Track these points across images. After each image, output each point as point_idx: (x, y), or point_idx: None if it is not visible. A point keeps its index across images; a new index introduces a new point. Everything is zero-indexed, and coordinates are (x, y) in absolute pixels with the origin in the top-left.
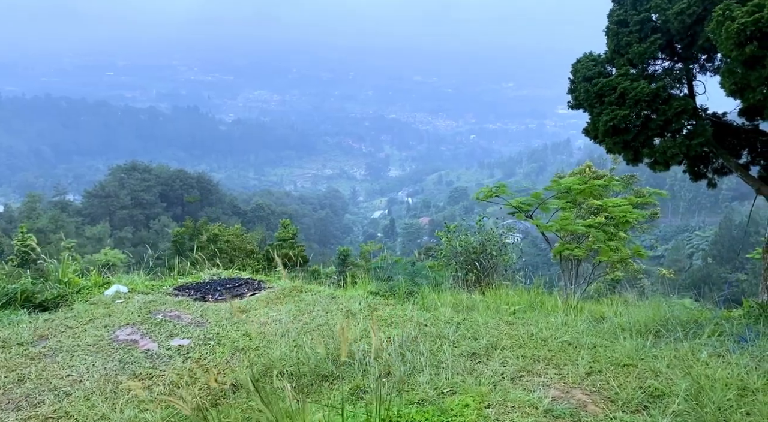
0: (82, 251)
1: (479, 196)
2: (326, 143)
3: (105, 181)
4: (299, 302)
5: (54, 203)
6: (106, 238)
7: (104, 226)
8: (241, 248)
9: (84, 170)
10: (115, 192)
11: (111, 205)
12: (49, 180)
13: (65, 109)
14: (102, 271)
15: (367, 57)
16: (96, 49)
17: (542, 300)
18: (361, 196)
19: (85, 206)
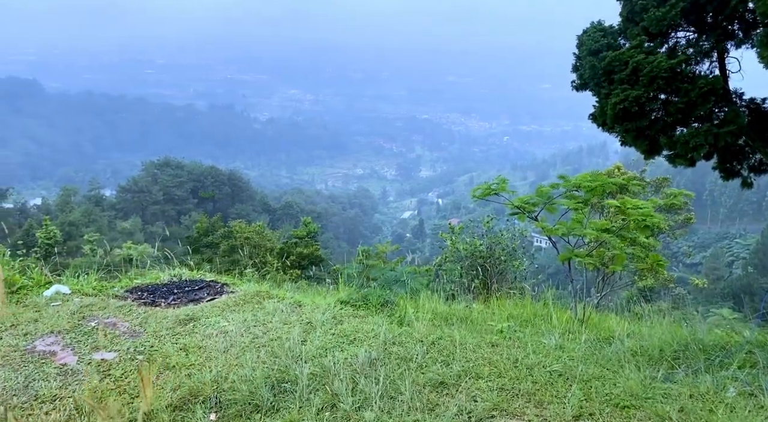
0: (113, 245)
1: (476, 194)
2: (358, 143)
3: (138, 176)
4: (258, 310)
5: (89, 197)
6: (137, 233)
7: (136, 221)
8: (261, 245)
9: (122, 165)
10: (148, 187)
11: (143, 200)
12: (89, 174)
13: (105, 105)
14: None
15: (401, 57)
16: (136, 48)
17: (548, 313)
18: (391, 195)
19: (118, 201)
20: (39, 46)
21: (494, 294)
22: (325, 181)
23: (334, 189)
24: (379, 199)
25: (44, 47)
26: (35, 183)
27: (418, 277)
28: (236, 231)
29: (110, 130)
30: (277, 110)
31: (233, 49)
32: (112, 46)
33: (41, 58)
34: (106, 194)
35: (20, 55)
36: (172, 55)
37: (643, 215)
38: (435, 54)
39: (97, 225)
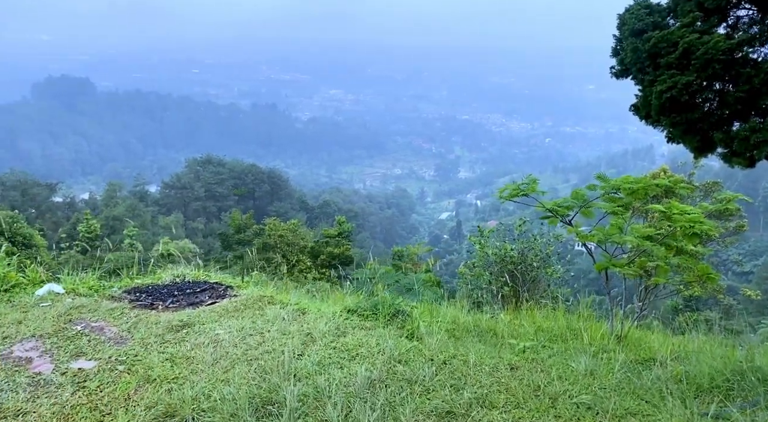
0: (155, 240)
1: (503, 195)
2: (397, 143)
3: (181, 173)
4: (258, 317)
5: (134, 193)
6: (178, 228)
7: (177, 217)
8: (295, 243)
9: (167, 162)
10: (191, 184)
11: (186, 196)
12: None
13: (153, 103)
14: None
15: (443, 57)
16: (183, 48)
17: (583, 327)
18: (429, 196)
19: (161, 196)
20: (92, 46)
21: (525, 303)
22: (364, 181)
23: (372, 188)
24: (416, 199)
25: (97, 47)
26: (85, 178)
27: (433, 287)
28: (270, 229)
29: (157, 127)
30: (318, 110)
31: (276, 50)
32: (160, 46)
33: (94, 57)
34: (150, 190)
35: (75, 54)
36: (217, 55)
37: (691, 221)
38: (477, 54)
39: (140, 220)
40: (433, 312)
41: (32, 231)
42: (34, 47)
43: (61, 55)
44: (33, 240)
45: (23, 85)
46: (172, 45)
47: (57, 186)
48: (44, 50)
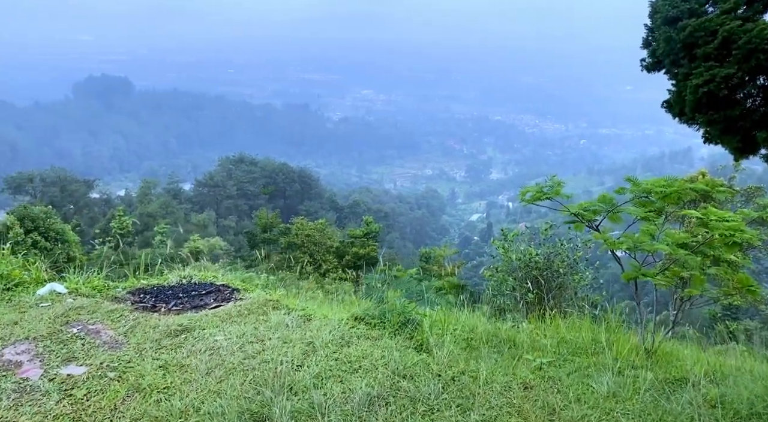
0: (186, 237)
1: (525, 198)
2: (428, 143)
3: (214, 171)
4: (261, 323)
5: (168, 190)
6: (210, 226)
7: (210, 214)
8: (322, 243)
9: (202, 161)
10: (223, 182)
11: (218, 194)
12: (171, 168)
13: (189, 103)
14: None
15: (475, 57)
16: (219, 48)
17: (610, 339)
18: (460, 197)
19: (195, 194)
20: (131, 46)
21: (549, 311)
22: (394, 181)
23: (403, 189)
24: (447, 200)
25: (135, 47)
26: (123, 175)
27: (449, 294)
28: (297, 229)
29: (193, 126)
30: (350, 110)
31: (309, 50)
32: (196, 46)
33: (132, 57)
34: (184, 188)
35: (114, 54)
36: (252, 55)
37: (731, 229)
38: (510, 54)
39: (174, 217)
40: (448, 320)
41: (65, 227)
42: (77, 47)
43: (102, 55)
44: (66, 236)
45: (65, 85)
46: (207, 45)
47: (94, 182)
48: (86, 50)
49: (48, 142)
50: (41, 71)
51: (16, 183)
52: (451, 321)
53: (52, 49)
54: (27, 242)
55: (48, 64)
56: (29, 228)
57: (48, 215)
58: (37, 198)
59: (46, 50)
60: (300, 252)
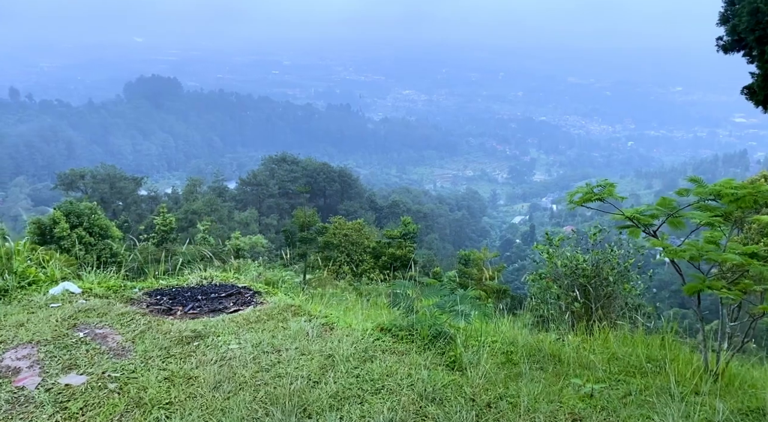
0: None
1: (573, 199)
2: (469, 144)
3: (257, 170)
4: (279, 331)
5: (213, 188)
6: (252, 224)
7: (252, 213)
8: (359, 243)
9: (246, 160)
10: (265, 181)
11: (261, 192)
12: (217, 167)
13: (234, 103)
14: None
15: (519, 57)
16: (265, 49)
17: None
18: (502, 199)
19: (238, 192)
20: (180, 47)
21: (598, 322)
22: (434, 182)
23: (443, 190)
24: (488, 201)
25: (185, 48)
26: (170, 173)
27: (485, 304)
28: (335, 228)
29: (238, 126)
30: (391, 110)
31: (353, 50)
32: (243, 47)
33: (182, 58)
34: (229, 186)
35: (165, 55)
36: (296, 56)
37: None
38: (556, 53)
39: (218, 215)
40: (485, 331)
41: (108, 223)
42: (129, 49)
43: (152, 56)
44: (110, 232)
45: (118, 85)
46: (253, 46)
47: (142, 180)
48: (137, 51)
49: (100, 140)
50: (96, 71)
51: (69, 179)
52: (489, 332)
53: (106, 51)
54: (72, 237)
55: (102, 65)
56: (74, 223)
57: (93, 211)
58: (87, 194)
59: (100, 51)
60: (338, 252)
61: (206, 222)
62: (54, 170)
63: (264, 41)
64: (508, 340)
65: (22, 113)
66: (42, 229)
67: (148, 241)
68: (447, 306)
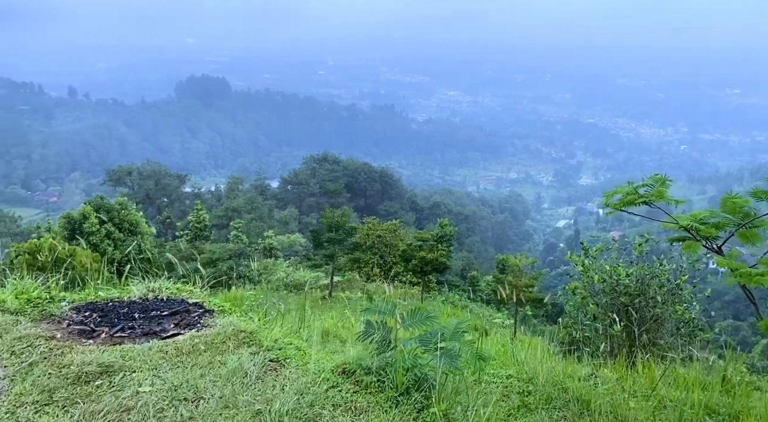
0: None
1: (609, 202)
2: (514, 146)
3: (299, 169)
4: (213, 368)
5: (255, 186)
6: (292, 222)
7: (292, 211)
8: (393, 245)
9: (290, 159)
10: (306, 180)
11: (302, 191)
12: (262, 166)
13: (280, 103)
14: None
15: (568, 58)
16: (311, 50)
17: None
18: (546, 202)
19: (280, 191)
20: (230, 48)
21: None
22: (477, 183)
23: (486, 192)
24: (532, 205)
25: (234, 49)
26: (217, 171)
27: (480, 340)
28: (369, 229)
29: (283, 126)
30: (435, 111)
31: (399, 51)
32: (290, 48)
33: (231, 58)
34: (272, 185)
35: (215, 56)
36: (342, 56)
37: None
38: (607, 54)
39: (258, 213)
40: (500, 360)
41: (139, 218)
42: (181, 49)
43: (203, 57)
44: (140, 228)
45: (170, 84)
46: (300, 46)
47: (186, 177)
48: (189, 52)
49: (151, 137)
50: (149, 71)
51: (117, 175)
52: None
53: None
54: (101, 232)
55: (156, 65)
56: (104, 218)
57: (123, 206)
58: (134, 190)
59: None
60: (371, 254)
61: (239, 220)
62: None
63: (310, 42)
64: (527, 375)
65: (79, 111)
66: (72, 224)
67: (182, 238)
68: (432, 342)
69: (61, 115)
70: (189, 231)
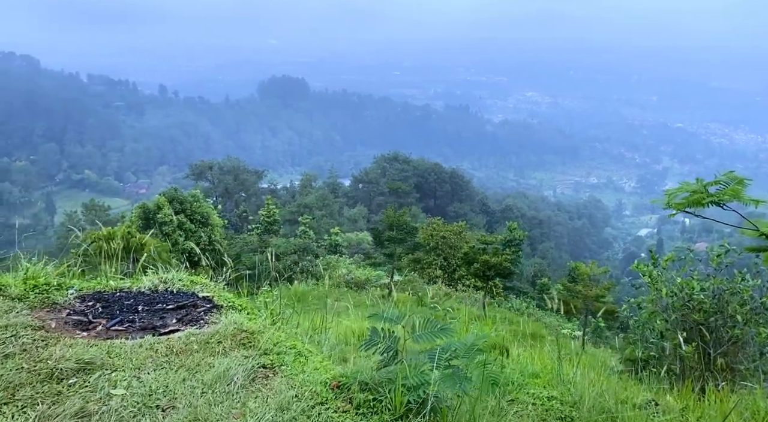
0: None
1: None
2: (594, 150)
3: (369, 168)
4: (199, 371)
5: (327, 184)
6: (360, 220)
7: (361, 210)
8: (458, 247)
9: (363, 158)
10: (376, 179)
11: (371, 190)
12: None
13: (355, 103)
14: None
15: (656, 59)
16: (388, 51)
17: None
18: (628, 209)
19: (351, 189)
20: (310, 49)
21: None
22: (554, 188)
23: (563, 196)
24: (612, 211)
25: (314, 50)
26: (293, 169)
27: (495, 362)
28: (432, 230)
29: (358, 126)
30: (512, 112)
31: (477, 51)
32: (367, 49)
33: (311, 59)
34: (345, 183)
35: (296, 57)
36: (418, 57)
37: None
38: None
39: (329, 210)
40: (544, 378)
41: (210, 210)
42: (265, 51)
43: (284, 58)
44: (210, 220)
45: (253, 84)
46: (377, 47)
47: (263, 173)
48: (272, 53)
49: (233, 135)
50: (234, 71)
51: (199, 170)
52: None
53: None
54: (173, 223)
55: (240, 65)
56: (177, 209)
57: (195, 198)
58: (214, 184)
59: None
60: (434, 255)
61: (306, 216)
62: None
63: (387, 43)
64: (572, 398)
65: (168, 108)
66: (146, 214)
67: (253, 232)
68: (444, 358)
69: (152, 112)
70: (260, 226)
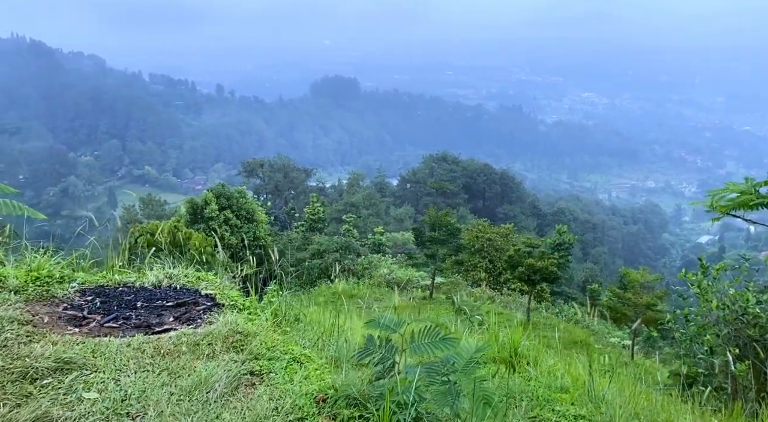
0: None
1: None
2: (653, 152)
3: (417, 168)
4: (181, 376)
5: (375, 183)
6: (407, 220)
7: (408, 209)
8: (504, 249)
9: (413, 158)
10: (424, 179)
11: (419, 190)
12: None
13: (406, 103)
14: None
15: (721, 59)
16: (440, 51)
17: None
18: (687, 215)
19: (398, 189)
20: (362, 49)
21: None
22: (609, 191)
23: (618, 200)
24: (670, 217)
25: (366, 50)
26: (343, 167)
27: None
28: (478, 231)
29: (408, 125)
30: (567, 113)
31: (531, 51)
32: (420, 48)
33: (362, 59)
34: (392, 182)
35: (348, 57)
36: (471, 57)
37: None
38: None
39: (375, 209)
40: (574, 393)
41: (256, 207)
42: (318, 51)
43: (336, 58)
44: (255, 216)
45: (305, 84)
46: (430, 47)
47: (312, 171)
48: (325, 53)
49: (286, 134)
50: (288, 71)
51: (250, 167)
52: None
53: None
54: (220, 218)
55: (294, 65)
56: (223, 205)
57: (242, 195)
58: (265, 181)
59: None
60: (479, 257)
61: (350, 215)
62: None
63: (439, 43)
64: (602, 418)
65: (225, 107)
66: (195, 209)
67: (298, 229)
68: (441, 372)
69: (209, 110)
70: (305, 223)
